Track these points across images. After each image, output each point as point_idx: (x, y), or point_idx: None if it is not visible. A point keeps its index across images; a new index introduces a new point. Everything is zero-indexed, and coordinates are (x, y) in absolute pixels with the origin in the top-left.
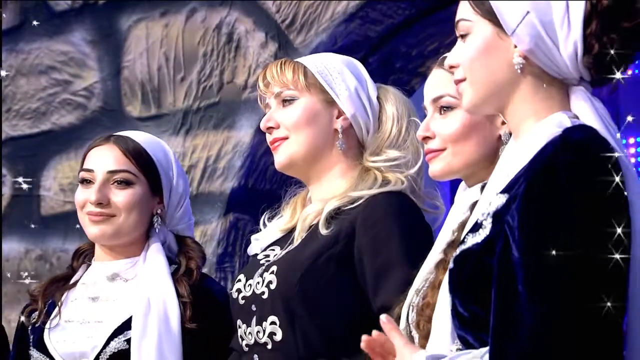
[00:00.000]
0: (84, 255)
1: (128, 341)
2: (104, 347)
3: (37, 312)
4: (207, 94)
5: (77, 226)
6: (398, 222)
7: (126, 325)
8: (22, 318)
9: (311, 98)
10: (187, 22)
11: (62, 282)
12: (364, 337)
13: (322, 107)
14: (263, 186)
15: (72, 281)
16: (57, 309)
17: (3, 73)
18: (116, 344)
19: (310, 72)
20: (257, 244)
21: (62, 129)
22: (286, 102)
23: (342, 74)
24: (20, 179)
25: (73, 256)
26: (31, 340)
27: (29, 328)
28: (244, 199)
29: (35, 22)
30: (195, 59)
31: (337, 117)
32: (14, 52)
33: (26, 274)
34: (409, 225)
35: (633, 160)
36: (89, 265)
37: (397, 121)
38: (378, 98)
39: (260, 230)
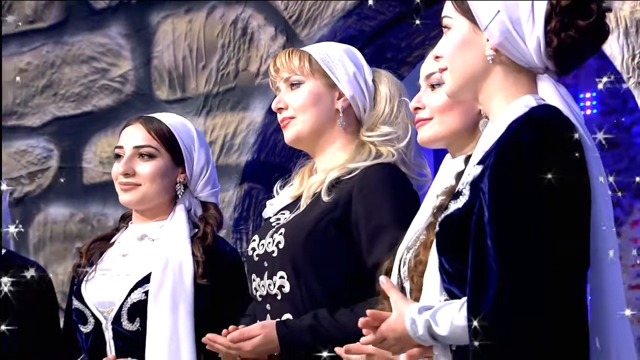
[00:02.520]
0: (127, 219)
1: (146, 293)
2: (127, 297)
3: (83, 266)
4: (224, 80)
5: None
6: (389, 191)
7: (146, 279)
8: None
9: (315, 82)
10: (207, 18)
11: (103, 241)
12: (361, 320)
13: (325, 90)
14: (273, 160)
15: (111, 240)
16: (94, 264)
17: None
18: (136, 295)
19: (315, 59)
20: (271, 208)
21: (101, 110)
22: (294, 85)
23: (342, 61)
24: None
25: (120, 220)
26: (74, 290)
27: (76, 280)
28: (257, 170)
29: (77, 19)
30: (215, 50)
31: (338, 99)
32: (60, 44)
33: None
34: (398, 193)
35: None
36: (127, 228)
37: (389, 100)
38: (373, 80)
39: (274, 196)
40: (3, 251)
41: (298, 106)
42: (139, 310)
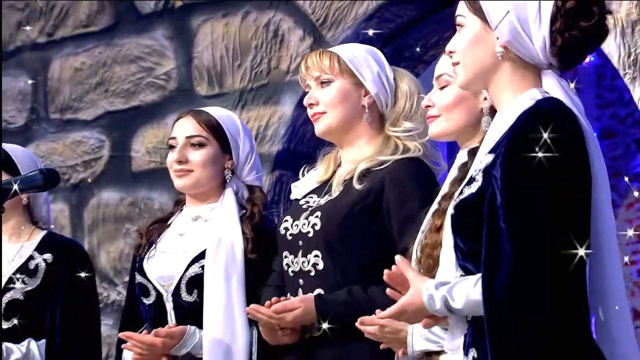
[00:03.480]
0: (181, 203)
1: (202, 267)
2: (185, 271)
3: (141, 246)
4: (258, 77)
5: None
6: (417, 183)
7: (202, 255)
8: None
9: (344, 81)
10: (242, 22)
11: (160, 223)
12: (386, 271)
13: (352, 88)
14: (301, 149)
15: (168, 222)
16: (154, 243)
17: None
18: (193, 269)
19: (343, 59)
20: (297, 190)
21: (147, 105)
22: (324, 84)
23: (366, 61)
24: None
25: (174, 204)
26: (137, 267)
27: (137, 258)
28: (287, 159)
29: (125, 22)
30: (249, 50)
31: (364, 96)
32: (111, 45)
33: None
34: (425, 185)
35: None
36: (182, 210)
37: (409, 97)
38: (394, 79)
39: (299, 179)
40: (44, 233)
41: (328, 102)
42: (196, 283)
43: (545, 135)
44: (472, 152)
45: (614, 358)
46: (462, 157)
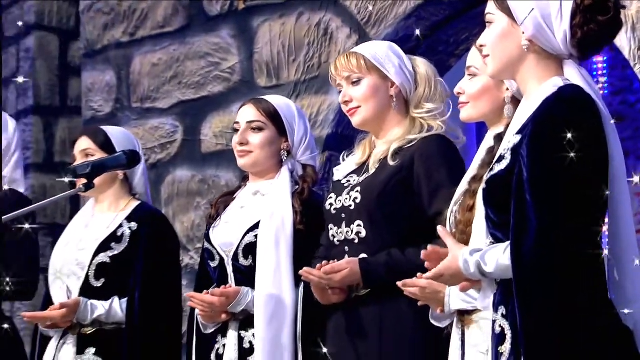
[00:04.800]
0: (246, 179)
1: (256, 236)
2: (242, 239)
3: (212, 216)
4: (310, 70)
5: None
6: (443, 157)
7: (257, 226)
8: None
9: (372, 77)
10: (297, 22)
11: (228, 196)
12: (423, 252)
13: (380, 82)
14: (347, 132)
15: (234, 196)
16: (220, 214)
17: None
18: (249, 238)
19: (368, 58)
20: (338, 172)
21: (214, 95)
22: (355, 82)
23: (388, 56)
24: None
25: (241, 180)
26: (206, 234)
27: (207, 227)
28: (335, 141)
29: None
30: (302, 46)
31: (390, 87)
32: (183, 43)
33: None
34: (450, 158)
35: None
36: (246, 186)
37: (427, 81)
38: (412, 67)
39: (340, 163)
40: (137, 203)
41: (361, 98)
42: (251, 250)
43: (567, 118)
44: (498, 137)
45: (627, 317)
46: (488, 141)
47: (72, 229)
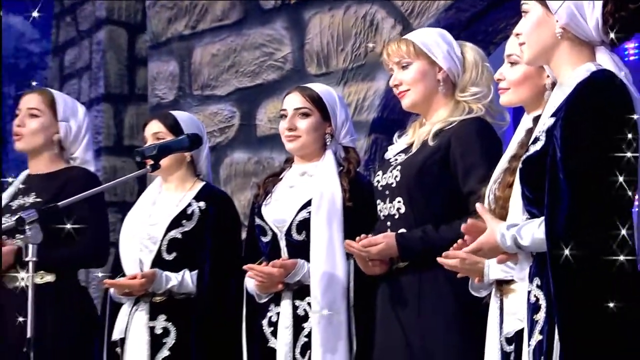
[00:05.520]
0: (290, 161)
1: (309, 213)
2: (295, 216)
3: (259, 195)
4: (357, 59)
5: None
6: (478, 138)
7: (308, 203)
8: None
9: (421, 62)
10: (345, 14)
11: (274, 177)
12: (463, 225)
13: (428, 67)
14: (392, 116)
15: (280, 176)
16: (270, 193)
17: None
18: (302, 214)
19: (417, 44)
20: (390, 151)
21: (269, 82)
22: (404, 67)
23: (437, 42)
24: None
25: (285, 161)
26: (256, 211)
27: (255, 204)
28: (381, 125)
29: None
30: (350, 37)
31: (438, 72)
32: (240, 35)
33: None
34: (485, 139)
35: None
36: (291, 167)
37: (475, 66)
38: (461, 52)
39: (393, 143)
40: (203, 184)
41: (410, 81)
42: (304, 225)
43: (599, 101)
44: (536, 120)
45: None
46: (527, 123)
47: (140, 206)
